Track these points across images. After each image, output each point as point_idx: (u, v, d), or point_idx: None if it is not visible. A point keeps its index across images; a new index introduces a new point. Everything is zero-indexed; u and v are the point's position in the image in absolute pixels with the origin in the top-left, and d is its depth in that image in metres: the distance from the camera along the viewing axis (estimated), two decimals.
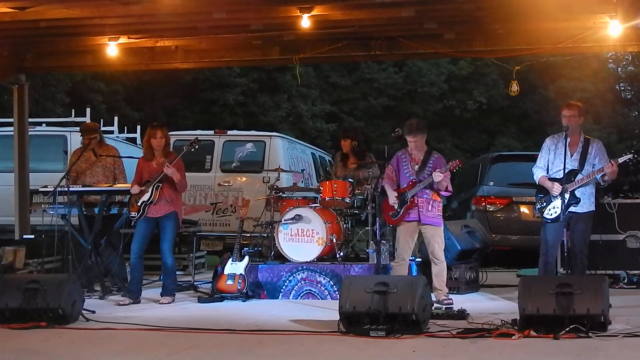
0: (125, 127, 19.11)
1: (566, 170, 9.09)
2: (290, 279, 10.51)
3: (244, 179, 15.03)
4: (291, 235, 10.68)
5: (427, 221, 9.53)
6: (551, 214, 9.28)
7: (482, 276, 11.31)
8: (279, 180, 11.64)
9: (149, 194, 10.08)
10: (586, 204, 9.34)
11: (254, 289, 10.51)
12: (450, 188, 9.66)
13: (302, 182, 14.04)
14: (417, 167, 9.64)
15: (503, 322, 7.61)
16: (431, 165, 9.59)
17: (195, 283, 11.41)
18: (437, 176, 9.34)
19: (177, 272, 11.19)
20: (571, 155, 9.28)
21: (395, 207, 9.62)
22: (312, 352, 6.91)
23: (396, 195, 9.61)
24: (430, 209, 9.53)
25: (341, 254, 10.62)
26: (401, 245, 9.68)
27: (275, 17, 11.11)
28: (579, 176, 9.22)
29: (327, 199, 10.92)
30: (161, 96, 30.64)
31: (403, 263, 9.63)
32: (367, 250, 10.74)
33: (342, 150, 11.96)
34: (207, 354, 6.91)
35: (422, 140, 9.71)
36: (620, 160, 9.13)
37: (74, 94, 26.36)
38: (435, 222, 9.57)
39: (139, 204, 10.12)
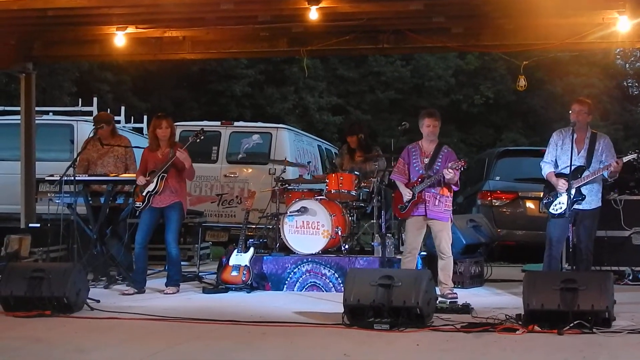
0: (132, 117, 19.10)
1: (573, 167, 9.07)
2: (295, 271, 10.52)
3: (249, 170, 15.04)
4: (296, 227, 10.69)
5: (433, 216, 9.50)
6: (557, 210, 9.28)
7: (487, 271, 11.30)
8: (284, 172, 11.63)
9: (154, 184, 10.10)
10: (593, 201, 9.34)
11: (258, 281, 10.53)
12: (457, 182, 9.65)
13: (308, 174, 14.04)
14: (426, 160, 9.60)
15: (507, 316, 7.61)
16: (441, 159, 9.55)
17: (200, 274, 11.42)
18: (447, 173, 9.32)
19: (182, 263, 11.20)
20: (578, 152, 9.27)
21: (404, 201, 9.62)
22: (315, 344, 6.92)
23: (409, 192, 9.58)
24: (437, 203, 9.49)
25: (346, 246, 10.62)
26: (409, 239, 9.67)
27: (283, 8, 11.11)
28: (586, 173, 9.21)
29: (332, 191, 10.92)
30: (168, 87, 30.63)
31: (411, 257, 9.62)
32: (372, 244, 10.77)
33: (350, 146, 11.95)
34: (211, 345, 6.92)
35: (438, 128, 9.69)
36: (625, 159, 9.12)
37: (81, 83, 26.37)
38: (442, 217, 9.53)
39: (144, 194, 10.13)
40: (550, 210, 9.37)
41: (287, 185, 11.38)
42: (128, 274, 10.64)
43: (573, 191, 9.08)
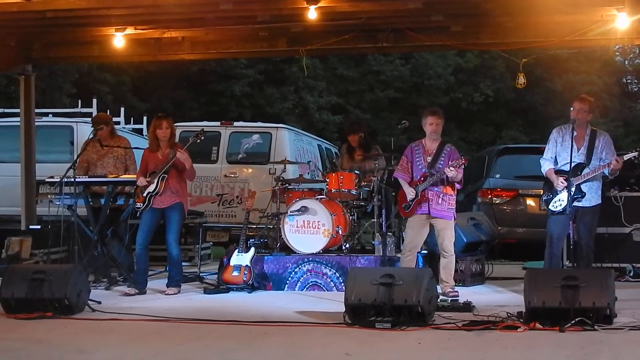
0: (132, 118, 19.10)
1: (573, 164, 9.07)
2: (296, 270, 10.52)
3: (250, 170, 15.04)
4: (297, 226, 10.69)
5: (436, 214, 9.50)
6: (556, 207, 9.29)
7: (488, 269, 11.30)
8: (285, 171, 11.63)
9: (154, 184, 10.09)
10: (593, 198, 9.35)
11: (259, 281, 10.53)
12: (461, 180, 9.63)
13: (309, 173, 14.04)
14: (429, 159, 9.60)
15: (509, 314, 7.61)
16: (444, 157, 9.55)
17: (201, 274, 11.42)
18: (450, 172, 9.32)
19: (183, 263, 11.20)
20: (578, 150, 9.28)
21: (408, 200, 9.61)
22: (317, 343, 6.92)
23: (413, 190, 9.58)
24: (440, 202, 9.49)
25: (347, 245, 10.62)
26: (410, 237, 9.67)
27: (282, 8, 11.11)
28: (586, 170, 9.22)
29: (333, 190, 10.93)
30: (168, 87, 30.61)
31: (411, 255, 9.62)
32: (373, 242, 10.76)
33: (352, 144, 11.96)
34: (212, 345, 6.92)
35: (441, 127, 9.69)
36: (626, 157, 9.13)
37: (81, 84, 26.35)
38: (445, 216, 9.53)
39: (144, 194, 10.13)
40: (550, 207, 9.39)
41: (287, 184, 11.38)
42: (129, 274, 10.64)
43: (573, 188, 9.09)
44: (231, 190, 14.86)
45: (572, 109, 9.44)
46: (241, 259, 10.40)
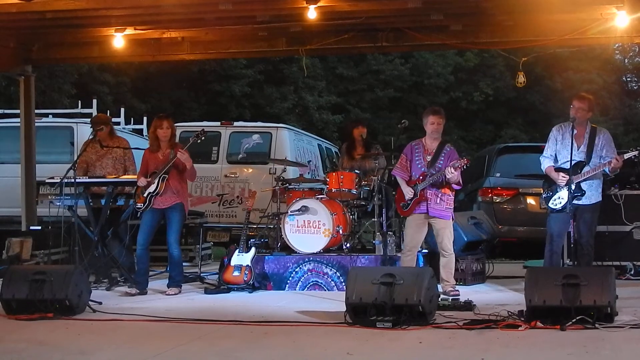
0: (132, 119, 19.10)
1: (573, 162, 9.07)
2: (296, 270, 10.52)
3: (250, 170, 15.04)
4: (297, 226, 10.69)
5: (435, 214, 9.50)
6: (556, 204, 9.29)
7: (489, 267, 11.31)
8: (285, 171, 11.63)
9: (155, 185, 10.08)
10: (593, 196, 9.34)
11: (260, 280, 10.52)
12: (460, 181, 9.63)
13: (309, 173, 14.04)
14: (429, 158, 9.60)
15: (509, 313, 7.61)
16: (443, 157, 9.55)
17: (201, 274, 11.42)
18: (449, 173, 9.31)
19: (184, 264, 11.20)
20: (578, 148, 9.27)
21: (406, 199, 9.61)
22: (318, 343, 6.91)
23: (411, 190, 9.58)
24: (438, 201, 9.49)
25: (347, 245, 10.62)
26: (409, 236, 9.67)
27: (282, 8, 11.11)
28: (586, 168, 9.21)
29: (333, 190, 10.92)
30: (167, 88, 30.59)
31: (411, 255, 9.62)
32: (374, 242, 10.76)
33: (356, 137, 11.94)
34: (213, 345, 6.91)
35: (442, 126, 9.69)
36: (626, 156, 9.12)
37: (81, 85, 26.34)
38: (443, 215, 9.53)
39: (145, 195, 10.12)
40: (550, 205, 9.39)
41: (287, 184, 11.37)
42: (130, 275, 10.64)
43: (573, 186, 9.09)
44: (231, 190, 14.86)
45: (571, 107, 9.44)
46: (242, 259, 10.40)
